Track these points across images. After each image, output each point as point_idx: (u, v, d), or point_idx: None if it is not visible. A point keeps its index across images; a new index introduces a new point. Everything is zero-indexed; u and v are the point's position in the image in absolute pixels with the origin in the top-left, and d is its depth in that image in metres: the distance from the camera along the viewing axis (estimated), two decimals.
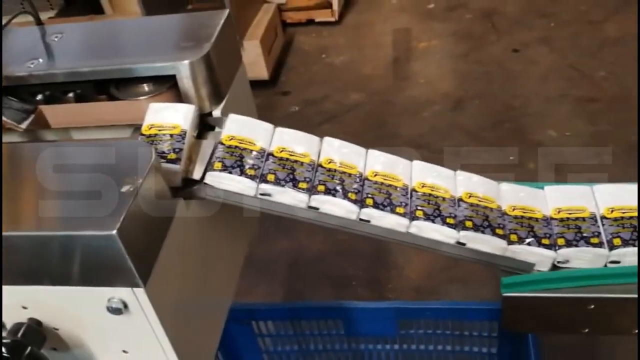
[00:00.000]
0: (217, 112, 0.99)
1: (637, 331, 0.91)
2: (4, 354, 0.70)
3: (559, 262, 0.93)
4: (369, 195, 0.95)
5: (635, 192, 0.98)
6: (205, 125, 1.00)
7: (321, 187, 0.93)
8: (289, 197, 0.92)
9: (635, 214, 0.94)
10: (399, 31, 3.91)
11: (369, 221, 0.94)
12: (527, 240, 0.94)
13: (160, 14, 1.08)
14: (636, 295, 0.88)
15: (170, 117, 0.93)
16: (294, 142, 0.99)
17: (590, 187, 1.01)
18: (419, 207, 0.95)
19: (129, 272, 0.71)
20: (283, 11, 4.03)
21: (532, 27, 3.68)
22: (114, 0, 3.91)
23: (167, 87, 0.97)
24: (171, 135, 0.90)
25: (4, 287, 0.76)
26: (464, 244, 0.95)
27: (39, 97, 1.00)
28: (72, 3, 3.91)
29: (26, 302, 0.78)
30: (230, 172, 0.91)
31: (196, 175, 0.91)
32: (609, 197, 0.99)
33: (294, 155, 0.97)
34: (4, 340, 0.72)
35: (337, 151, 1.00)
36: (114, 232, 0.67)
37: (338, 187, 0.94)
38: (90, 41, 1.03)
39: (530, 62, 3.43)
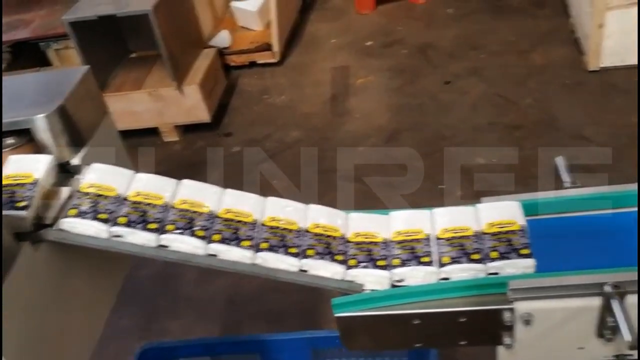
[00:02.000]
0: (76, 160, 1.06)
1: (464, 342, 0.99)
2: None
3: (396, 281, 1.01)
4: (217, 231, 1.02)
5: (468, 214, 1.06)
6: (67, 172, 1.07)
7: (170, 227, 1.01)
8: (139, 238, 1.00)
9: (464, 234, 1.02)
10: (337, 69, 4.04)
11: (216, 255, 1.01)
12: (364, 264, 1.02)
13: (101, 63, 1.15)
14: (459, 308, 0.96)
15: (25, 167, 1.00)
16: (151, 186, 1.07)
17: (430, 210, 1.10)
18: (264, 240, 1.03)
19: None
20: (226, 55, 4.15)
21: (463, 59, 3.83)
22: (61, 53, 4.00)
23: (27, 139, 1.05)
24: (23, 185, 0.97)
25: None
26: (306, 271, 1.02)
27: None
28: (19, 57, 3.99)
29: None
30: (83, 218, 0.98)
31: (48, 220, 0.98)
32: (445, 219, 1.07)
33: (149, 198, 1.04)
34: None
35: (191, 192, 1.07)
36: None
37: (187, 226, 1.01)
38: None
39: (461, 92, 3.56)
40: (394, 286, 1.01)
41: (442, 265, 0.99)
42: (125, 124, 3.56)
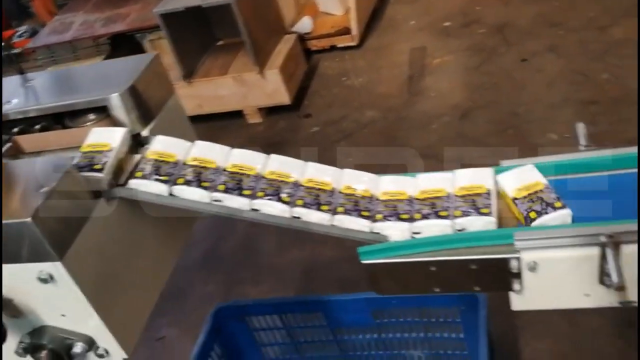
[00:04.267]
0: (146, 132, 1.25)
1: (478, 288, 1.10)
2: None
3: (414, 232, 1.13)
4: (261, 190, 1.18)
5: (481, 174, 1.17)
6: (139, 142, 1.26)
7: (221, 187, 1.18)
8: (195, 195, 1.17)
9: (474, 191, 1.13)
10: (415, 50, 4.11)
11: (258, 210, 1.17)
12: (389, 218, 1.14)
13: (191, 51, 1.35)
14: (470, 257, 1.07)
15: (104, 138, 1.20)
16: (207, 152, 1.24)
17: (452, 172, 1.21)
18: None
19: (47, 249, 0.98)
20: (307, 40, 4.32)
21: (541, 37, 3.80)
22: (155, 43, 4.31)
23: (105, 115, 1.25)
24: (101, 152, 1.17)
25: None
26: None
27: (15, 129, 1.29)
28: (117, 48, 4.34)
29: None
30: (147, 179, 1.17)
31: (121, 181, 1.18)
32: (464, 179, 1.18)
33: (204, 162, 1.21)
34: None
35: (239, 158, 1.23)
36: (29, 219, 0.94)
37: (236, 186, 1.18)
38: (51, 85, 1.33)
39: (537, 70, 3.55)
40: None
41: (455, 218, 1.11)
42: (212, 107, 3.82)
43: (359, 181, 1.23)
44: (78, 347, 1.10)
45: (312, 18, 4.42)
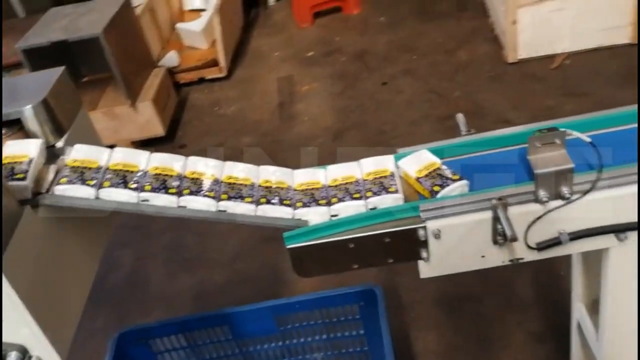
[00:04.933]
0: (60, 144, 1.27)
1: (391, 260, 1.23)
2: None
3: (332, 215, 1.24)
4: (186, 187, 1.24)
5: (383, 161, 1.32)
6: (53, 153, 1.28)
7: (148, 187, 1.23)
8: (123, 196, 1.21)
9: (381, 174, 1.27)
10: (282, 79, 4.30)
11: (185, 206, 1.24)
12: (309, 205, 1.25)
13: None
14: (383, 230, 1.20)
15: (21, 149, 1.21)
16: (128, 157, 1.28)
17: (358, 162, 1.35)
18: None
19: None
20: (175, 73, 4.36)
21: (397, 62, 4.14)
22: None
23: (18, 128, 1.25)
24: (21, 162, 1.18)
25: None
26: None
27: None
28: None
29: None
30: (74, 184, 1.19)
31: (43, 189, 1.19)
32: (370, 166, 1.32)
33: (127, 166, 1.26)
34: None
35: (159, 162, 1.29)
36: None
37: (161, 186, 1.23)
38: None
39: (397, 91, 3.86)
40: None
41: (367, 198, 1.24)
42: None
43: (274, 175, 1.33)
44: (12, 357, 1.09)
45: (178, 52, 4.47)
